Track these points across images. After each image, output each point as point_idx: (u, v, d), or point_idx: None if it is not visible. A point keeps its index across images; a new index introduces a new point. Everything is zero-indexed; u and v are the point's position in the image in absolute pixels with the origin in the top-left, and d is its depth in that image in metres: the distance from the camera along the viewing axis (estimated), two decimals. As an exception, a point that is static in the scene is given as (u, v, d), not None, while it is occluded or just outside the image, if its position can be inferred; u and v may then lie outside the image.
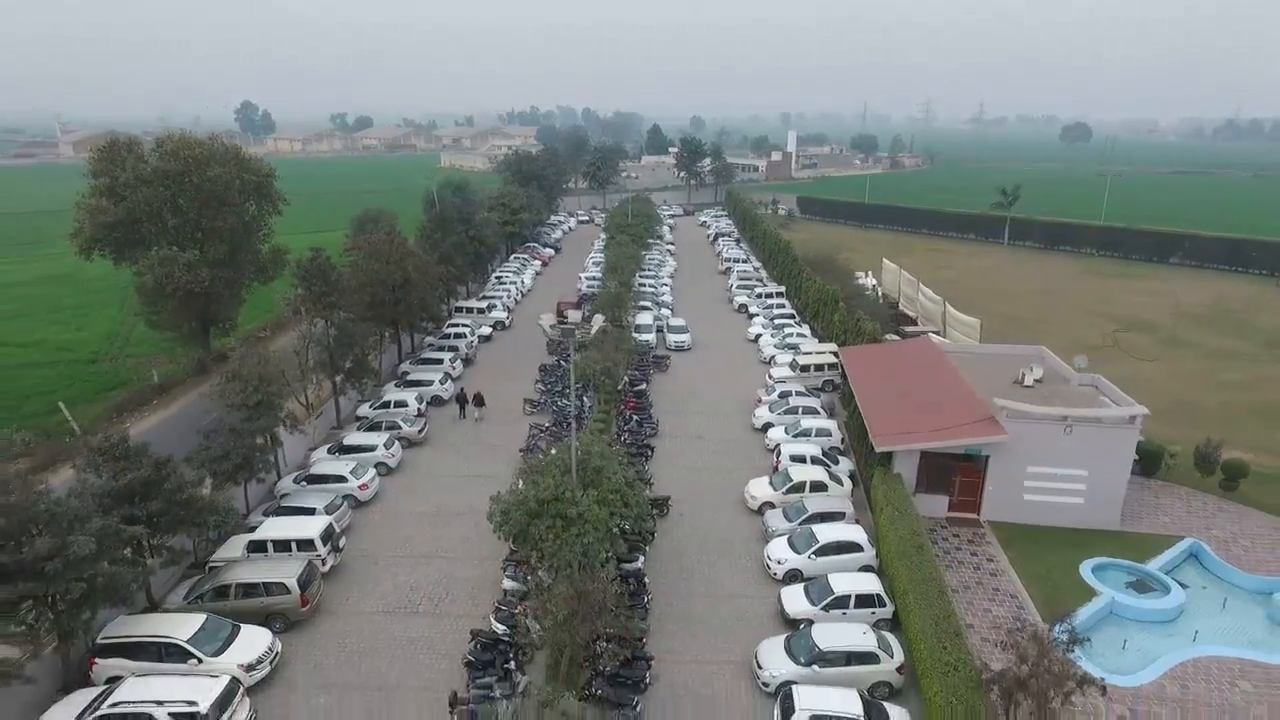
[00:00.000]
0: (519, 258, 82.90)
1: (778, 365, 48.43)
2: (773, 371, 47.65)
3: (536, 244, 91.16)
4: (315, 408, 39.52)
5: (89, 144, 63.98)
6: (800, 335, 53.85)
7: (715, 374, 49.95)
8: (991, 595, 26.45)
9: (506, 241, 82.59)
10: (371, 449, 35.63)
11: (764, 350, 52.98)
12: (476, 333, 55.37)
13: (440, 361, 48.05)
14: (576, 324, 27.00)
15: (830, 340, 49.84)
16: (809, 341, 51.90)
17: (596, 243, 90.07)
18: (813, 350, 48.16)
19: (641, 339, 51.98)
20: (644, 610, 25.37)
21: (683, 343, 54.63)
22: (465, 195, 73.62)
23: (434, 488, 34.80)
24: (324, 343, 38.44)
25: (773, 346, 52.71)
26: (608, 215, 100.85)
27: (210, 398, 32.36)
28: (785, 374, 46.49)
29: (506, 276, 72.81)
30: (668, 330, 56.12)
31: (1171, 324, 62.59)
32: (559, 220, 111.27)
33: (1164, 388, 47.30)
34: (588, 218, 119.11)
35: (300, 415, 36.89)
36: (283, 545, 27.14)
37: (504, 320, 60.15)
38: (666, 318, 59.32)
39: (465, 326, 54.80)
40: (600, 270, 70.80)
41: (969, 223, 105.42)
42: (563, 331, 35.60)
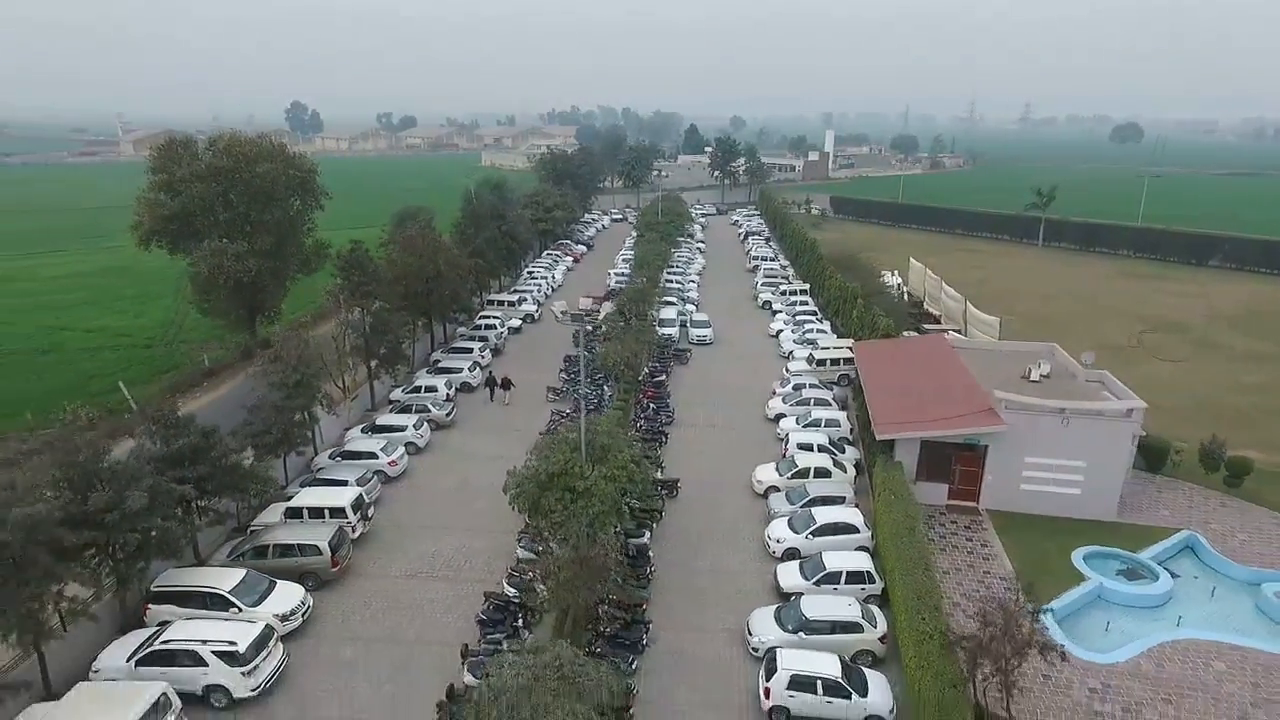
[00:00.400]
0: (551, 254, 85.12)
1: (795, 359, 49.65)
2: (790, 365, 48.91)
3: (570, 241, 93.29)
4: (351, 391, 42.04)
5: (148, 143, 68.00)
6: (820, 331, 54.92)
7: (734, 367, 51.34)
8: (981, 578, 27.50)
9: (540, 238, 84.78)
10: (402, 429, 37.98)
11: (784, 345, 54.19)
12: (506, 324, 57.55)
13: (470, 351, 50.37)
14: (585, 311, 28.70)
15: (849, 336, 50.86)
16: (827, 337, 52.97)
17: (628, 240, 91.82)
18: (830, 345, 49.26)
19: (664, 333, 53.66)
20: (647, 580, 27.14)
21: (704, 337, 56.11)
22: (501, 193, 75.77)
23: (459, 466, 36.95)
24: (360, 330, 40.95)
25: (792, 342, 53.90)
26: (639, 213, 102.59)
27: (254, 378, 34.99)
28: (802, 368, 47.67)
29: (538, 272, 75.09)
30: (690, 325, 57.62)
31: (1202, 326, 62.03)
32: (593, 218, 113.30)
33: (1186, 388, 47.41)
34: (621, 216, 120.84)
35: (337, 397, 39.49)
36: (317, 512, 29.49)
37: (533, 313, 62.28)
38: (690, 313, 60.82)
39: (496, 318, 57.07)
40: (629, 266, 72.62)
41: (1003, 223, 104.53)
42: (571, 318, 37.48)
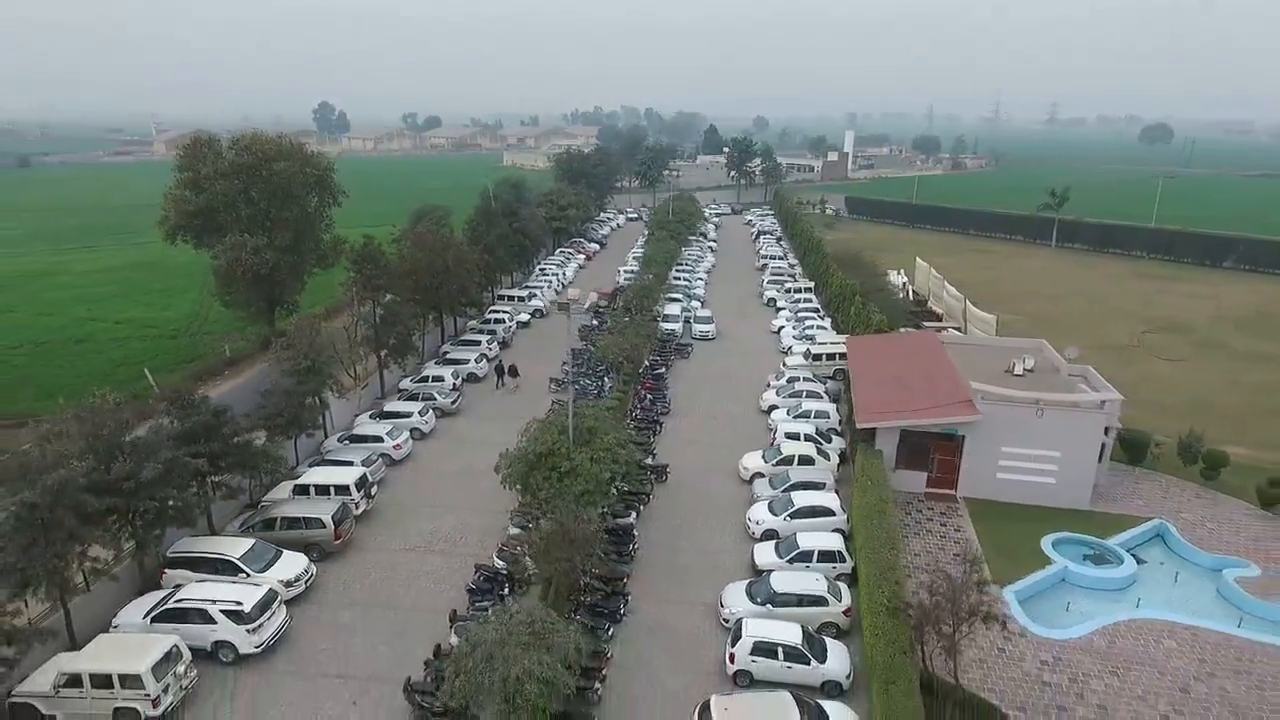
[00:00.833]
0: (564, 251, 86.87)
1: (793, 354, 50.86)
2: (787, 360, 50.12)
3: (583, 239, 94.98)
4: (362, 379, 44.03)
5: (178, 142, 70.46)
6: (820, 327, 56.02)
7: (734, 362, 52.64)
8: (951, 560, 28.61)
9: (553, 236, 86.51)
10: (408, 415, 39.86)
11: (784, 341, 55.40)
12: (515, 319, 59.40)
13: (478, 343, 52.20)
14: (573, 299, 30.42)
15: (847, 332, 51.93)
16: (826, 333, 54.07)
17: (640, 239, 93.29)
18: (826, 341, 50.39)
19: (667, 328, 55.18)
20: (630, 557, 28.68)
21: (707, 333, 57.45)
22: (519, 192, 77.39)
23: (461, 452, 38.70)
24: (371, 321, 42.90)
25: (792, 337, 55.09)
26: (651, 213, 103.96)
27: (269, 363, 37.03)
28: (799, 362, 48.86)
29: (549, 268, 76.86)
30: (694, 320, 58.98)
31: (1207, 326, 62.19)
32: (608, 217, 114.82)
33: (1183, 386, 47.98)
34: (636, 215, 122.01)
35: (348, 385, 41.45)
36: (323, 489, 31.40)
37: (542, 309, 64.07)
38: (694, 309, 62.19)
39: (505, 313, 58.95)
40: (639, 264, 74.01)
41: (1017, 224, 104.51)
42: (559, 306, 39.01)
